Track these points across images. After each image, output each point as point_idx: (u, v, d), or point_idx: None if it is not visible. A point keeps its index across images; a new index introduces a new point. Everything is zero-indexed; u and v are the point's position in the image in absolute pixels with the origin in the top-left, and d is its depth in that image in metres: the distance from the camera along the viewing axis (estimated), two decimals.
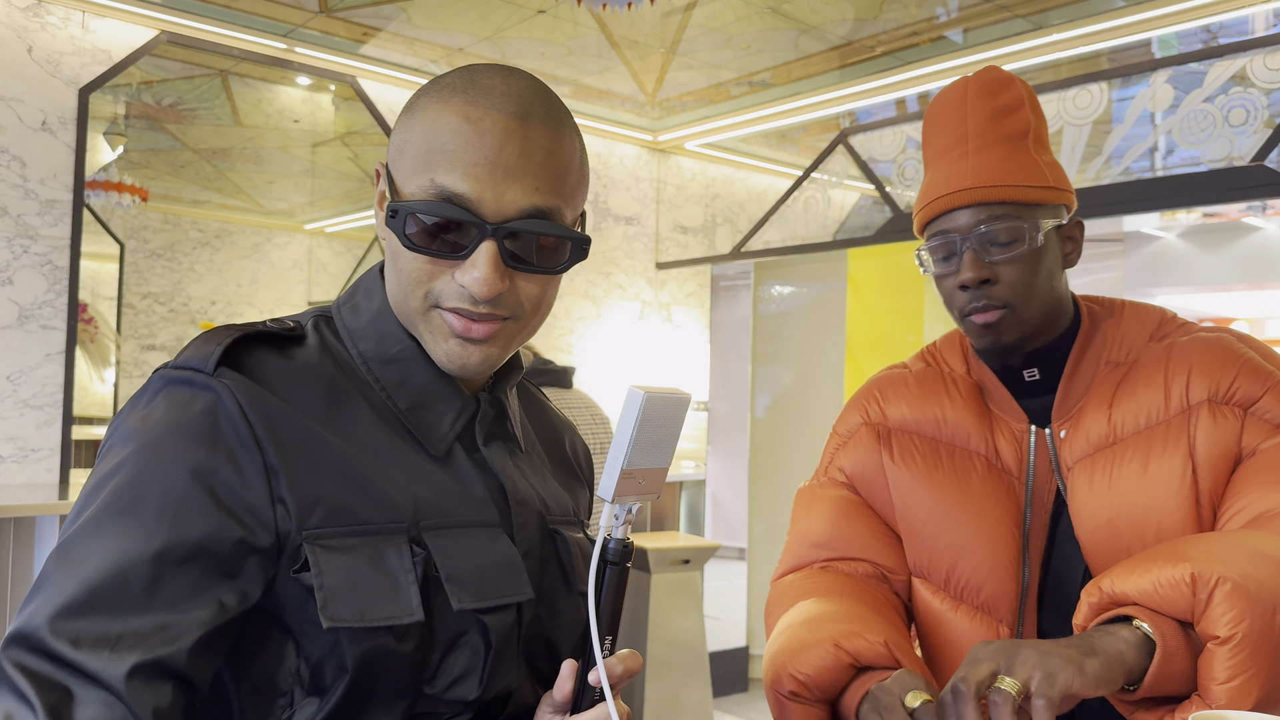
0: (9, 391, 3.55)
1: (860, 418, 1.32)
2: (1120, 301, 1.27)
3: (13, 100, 3.56)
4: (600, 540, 0.77)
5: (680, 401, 0.76)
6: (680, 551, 3.96)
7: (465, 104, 0.77)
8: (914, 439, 1.25)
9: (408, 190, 0.78)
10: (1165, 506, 1.09)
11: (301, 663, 0.74)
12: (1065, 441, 1.18)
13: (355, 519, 0.75)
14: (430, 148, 0.77)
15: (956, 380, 1.27)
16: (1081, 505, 1.14)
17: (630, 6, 3.50)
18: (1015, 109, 1.17)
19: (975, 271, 1.13)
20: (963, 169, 1.16)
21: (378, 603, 0.73)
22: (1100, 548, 1.11)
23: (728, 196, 5.90)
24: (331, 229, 4.82)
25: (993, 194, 1.14)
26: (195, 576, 0.70)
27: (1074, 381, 1.20)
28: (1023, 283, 1.14)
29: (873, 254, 4.25)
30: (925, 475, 1.21)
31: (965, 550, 1.17)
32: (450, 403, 0.84)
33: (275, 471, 0.73)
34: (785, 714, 1.05)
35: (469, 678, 0.78)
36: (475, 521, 0.81)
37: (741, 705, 4.52)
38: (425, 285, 0.79)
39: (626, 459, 0.75)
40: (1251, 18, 3.67)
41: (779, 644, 1.09)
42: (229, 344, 0.77)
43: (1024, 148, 1.16)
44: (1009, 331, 1.16)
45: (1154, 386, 1.15)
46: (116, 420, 0.77)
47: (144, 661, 0.66)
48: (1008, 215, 1.14)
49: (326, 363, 0.81)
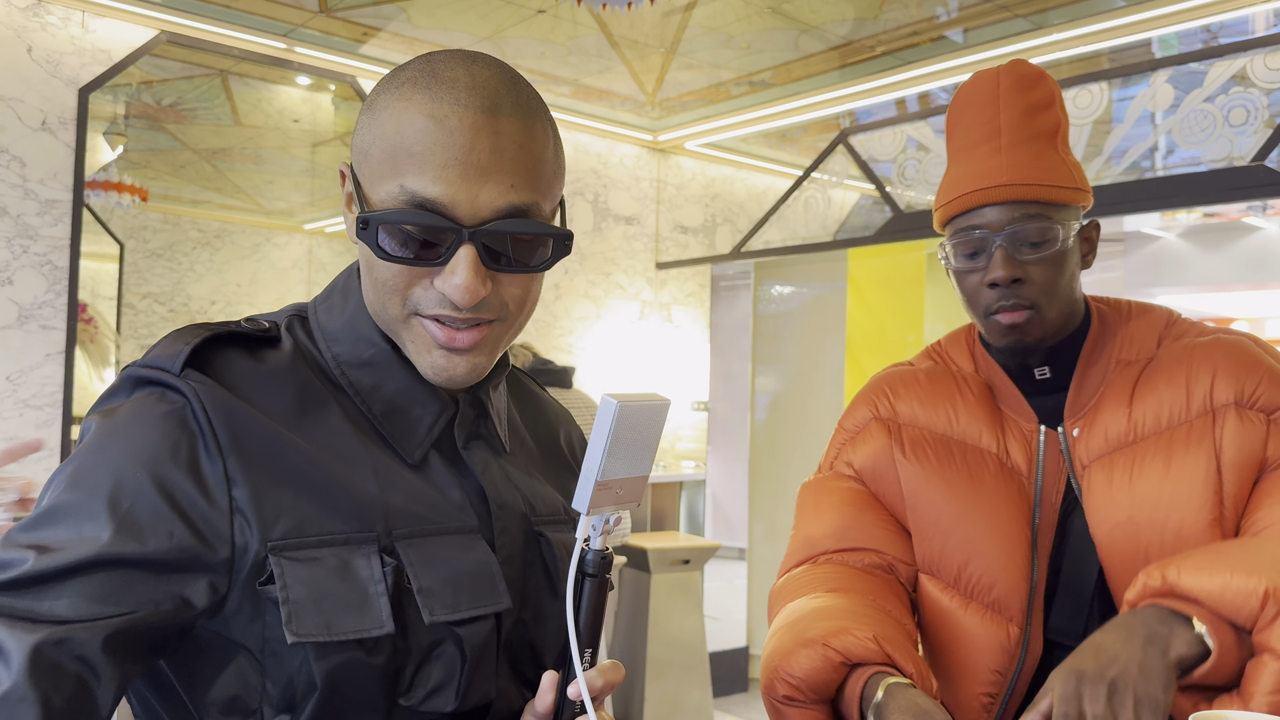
0: (9, 391, 3.54)
1: (869, 413, 1.31)
2: (1126, 301, 1.27)
3: (13, 100, 3.56)
4: (577, 552, 0.75)
5: (657, 408, 0.73)
6: (680, 551, 3.96)
7: (429, 101, 0.73)
8: (925, 435, 1.24)
9: (377, 198, 0.74)
10: (1188, 507, 1.08)
11: (268, 681, 0.72)
12: (1079, 440, 1.18)
13: (322, 529, 0.72)
14: (396, 151, 0.73)
15: (967, 379, 1.26)
16: (1099, 503, 1.13)
17: (630, 6, 3.50)
18: (1047, 106, 1.16)
19: (1007, 270, 1.12)
20: (995, 164, 1.14)
21: (345, 616, 0.71)
22: (1118, 546, 1.11)
23: (728, 196, 5.90)
24: (331, 229, 4.82)
25: (1027, 192, 1.13)
26: (137, 577, 0.67)
27: (1086, 380, 1.19)
28: (1050, 283, 1.14)
29: (873, 254, 4.24)
30: (938, 472, 1.21)
31: (977, 548, 1.16)
32: (427, 407, 0.81)
33: (236, 481, 0.71)
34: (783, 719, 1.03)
35: (445, 689, 0.76)
36: (451, 529, 0.79)
37: (741, 705, 4.52)
38: (403, 294, 0.76)
39: (601, 470, 0.72)
40: (1251, 18, 3.67)
41: (770, 647, 1.08)
42: (197, 344, 0.74)
43: (1054, 146, 1.15)
44: (1033, 331, 1.15)
45: (1176, 386, 1.14)
46: (88, 416, 0.75)
47: (48, 640, 0.63)
48: (1040, 215, 1.13)
49: (299, 366, 0.79)
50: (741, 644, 4.76)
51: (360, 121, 0.78)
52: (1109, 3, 3.63)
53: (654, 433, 0.74)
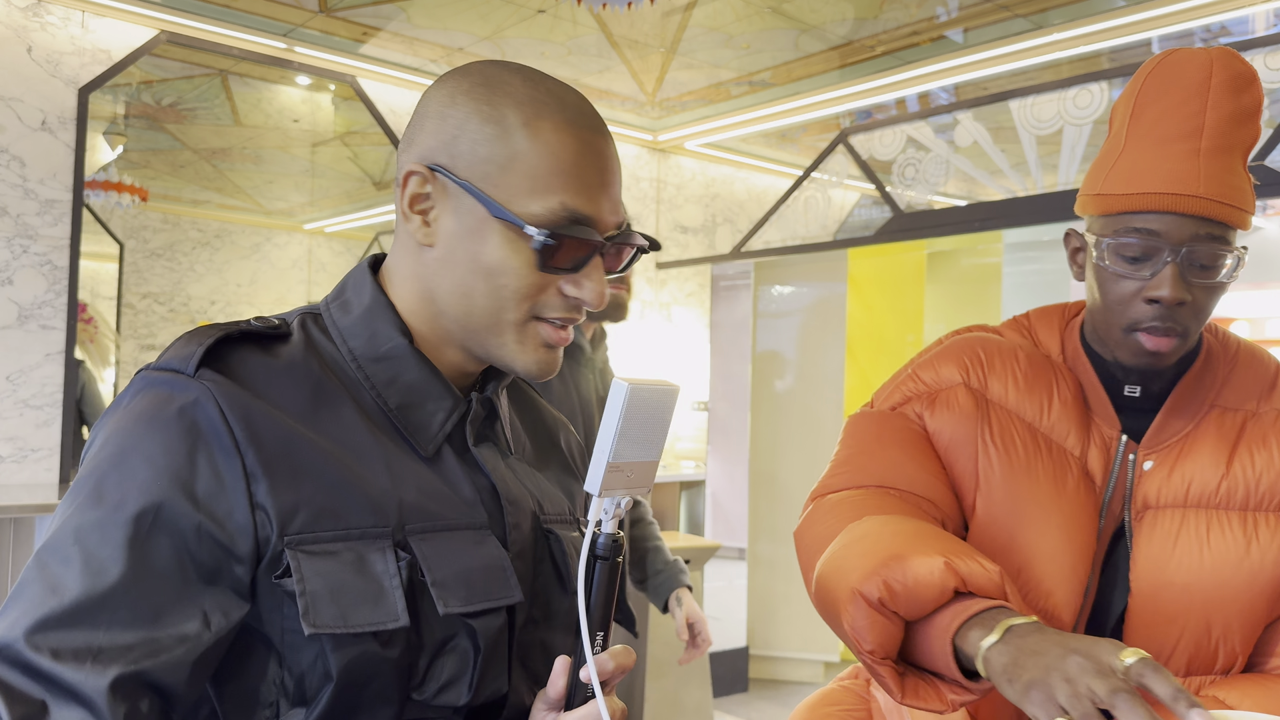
0: (9, 391, 3.54)
1: (959, 375, 1.18)
2: (1235, 339, 1.18)
3: (12, 100, 3.56)
4: (589, 535, 0.76)
5: (668, 393, 0.76)
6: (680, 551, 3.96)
7: (569, 124, 0.80)
8: (1015, 423, 1.14)
9: (529, 210, 0.78)
10: (1247, 597, 1.02)
11: (285, 673, 0.74)
12: (1149, 476, 1.10)
13: (338, 523, 0.74)
14: (551, 170, 0.79)
15: (1062, 372, 1.17)
16: (1156, 555, 1.06)
17: (630, 6, 3.50)
18: (1254, 115, 1.04)
19: (1176, 292, 1.01)
20: (1193, 170, 1.01)
21: (361, 608, 0.72)
22: (1159, 605, 1.05)
23: (728, 196, 5.90)
24: (331, 229, 4.82)
25: (1218, 211, 1.01)
26: (178, 584, 0.69)
27: (1175, 414, 1.11)
28: (1205, 311, 1.05)
29: (873, 254, 4.25)
30: (1024, 465, 1.11)
31: (1044, 552, 1.09)
32: (440, 401, 0.83)
33: (255, 476, 0.72)
34: (866, 624, 0.90)
35: (458, 683, 0.77)
36: (462, 524, 0.80)
37: (741, 705, 4.52)
38: (533, 299, 0.80)
39: (612, 451, 0.74)
40: (1251, 18, 3.67)
41: (862, 547, 0.94)
42: (211, 344, 0.76)
43: (1244, 162, 1.04)
44: (1171, 357, 1.06)
45: (1277, 462, 1.06)
46: (100, 421, 0.76)
47: (126, 674, 0.65)
48: (1220, 237, 1.02)
49: (312, 361, 0.80)
50: (741, 644, 4.75)
51: (482, 131, 0.80)
52: (1109, 3, 3.63)
53: (664, 418, 0.76)
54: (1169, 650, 1.07)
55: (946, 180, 4.08)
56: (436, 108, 0.81)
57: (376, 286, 0.84)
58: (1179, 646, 1.07)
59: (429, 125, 0.81)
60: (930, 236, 3.88)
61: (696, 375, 5.58)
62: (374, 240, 4.87)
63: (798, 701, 4.72)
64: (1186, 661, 1.07)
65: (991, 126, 3.97)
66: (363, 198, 4.86)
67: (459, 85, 0.81)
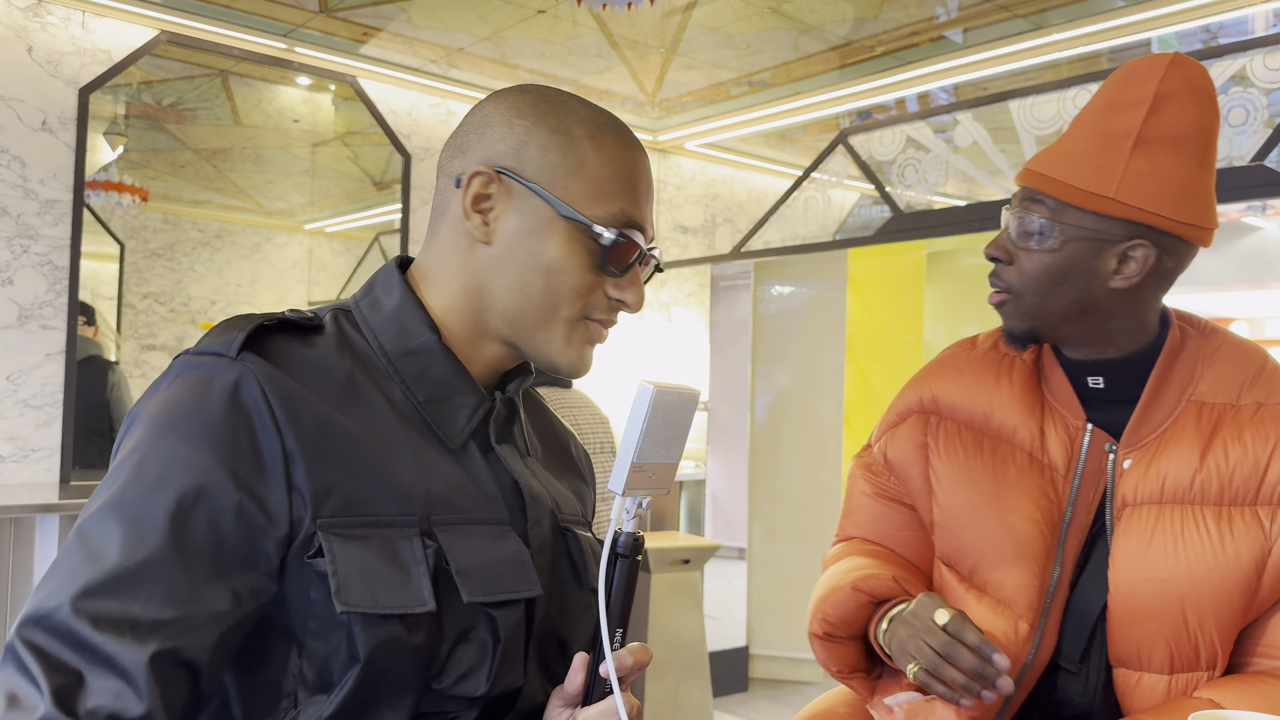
0: (9, 391, 3.55)
1: (915, 400, 1.27)
2: (1222, 334, 1.18)
3: (13, 100, 3.56)
4: (611, 533, 0.78)
5: (689, 397, 0.78)
6: (680, 551, 3.96)
7: (625, 142, 0.87)
8: (960, 430, 1.21)
9: (594, 214, 0.84)
10: (1223, 590, 1.03)
11: (304, 662, 0.75)
12: (1128, 474, 1.11)
13: (368, 510, 0.76)
14: (615, 180, 0.85)
15: (1015, 364, 1.21)
16: (1133, 552, 1.08)
17: (630, 6, 3.50)
18: (1132, 107, 1.08)
19: (989, 249, 1.15)
20: (1050, 149, 1.13)
21: (390, 591, 0.74)
22: (1137, 599, 1.07)
23: (728, 196, 5.90)
24: (331, 229, 4.82)
25: (1032, 179, 1.12)
26: (213, 562, 0.70)
27: (1152, 410, 1.12)
28: (1028, 275, 1.12)
29: (873, 254, 4.24)
30: (964, 467, 1.18)
31: (992, 545, 1.14)
32: (466, 397, 0.86)
33: (294, 458, 0.74)
34: (825, 654, 1.20)
35: (476, 673, 0.79)
36: (485, 519, 0.82)
37: (741, 705, 4.52)
38: (585, 298, 0.85)
39: (637, 451, 0.76)
40: (1251, 18, 3.67)
41: (814, 595, 1.23)
42: (251, 330, 0.78)
43: (1119, 150, 1.06)
44: (1004, 311, 1.17)
45: (1251, 455, 1.07)
46: (136, 407, 0.77)
47: (163, 650, 0.67)
48: (1041, 202, 1.11)
49: (345, 353, 0.83)
50: (741, 644, 4.75)
51: (551, 140, 0.85)
52: (1109, 3, 3.63)
53: (685, 422, 0.80)
54: (1150, 647, 1.07)
55: (946, 180, 4.08)
56: (502, 117, 0.86)
57: (405, 285, 0.87)
58: (1159, 643, 1.07)
59: (491, 133, 0.86)
60: (930, 236, 3.88)
61: (696, 375, 5.58)
62: (374, 240, 4.87)
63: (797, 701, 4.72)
64: (1169, 658, 1.07)
65: (991, 127, 3.97)
66: (363, 198, 4.86)
67: (523, 99, 0.87)
